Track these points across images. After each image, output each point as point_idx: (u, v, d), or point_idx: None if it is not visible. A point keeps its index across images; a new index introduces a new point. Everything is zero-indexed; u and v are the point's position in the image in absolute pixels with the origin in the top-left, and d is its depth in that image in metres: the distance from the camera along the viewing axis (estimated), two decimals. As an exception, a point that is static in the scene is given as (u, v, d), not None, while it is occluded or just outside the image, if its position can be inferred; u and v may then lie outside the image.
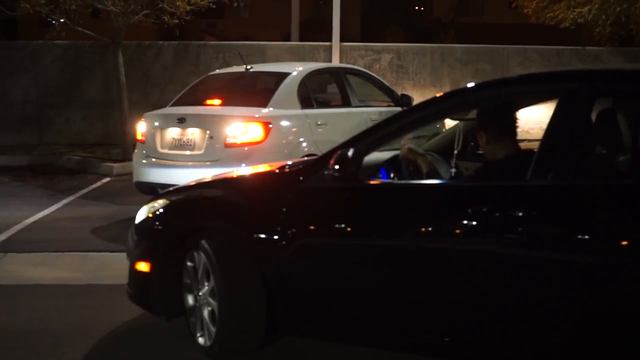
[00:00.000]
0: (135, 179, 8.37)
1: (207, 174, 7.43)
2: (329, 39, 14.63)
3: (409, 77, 14.92)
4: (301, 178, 4.08)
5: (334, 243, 3.94)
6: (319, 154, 7.86)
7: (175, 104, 8.71)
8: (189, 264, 4.43)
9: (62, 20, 12.86)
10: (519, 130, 4.19)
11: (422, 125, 4.28)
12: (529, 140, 4.17)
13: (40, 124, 15.06)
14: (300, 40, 16.94)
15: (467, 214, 3.52)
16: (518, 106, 4.35)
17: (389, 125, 4.04)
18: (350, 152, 3.80)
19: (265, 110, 7.82)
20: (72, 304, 5.59)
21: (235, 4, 13.84)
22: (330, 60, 14.40)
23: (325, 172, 3.90)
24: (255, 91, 8.78)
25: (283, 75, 8.41)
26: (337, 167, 3.80)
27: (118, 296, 5.72)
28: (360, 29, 42.18)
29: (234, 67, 9.95)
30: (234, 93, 8.74)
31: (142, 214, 4.74)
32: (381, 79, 10.04)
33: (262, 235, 4.03)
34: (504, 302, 3.46)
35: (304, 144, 7.95)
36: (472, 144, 5.04)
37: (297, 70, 8.64)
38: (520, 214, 3.38)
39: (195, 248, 4.33)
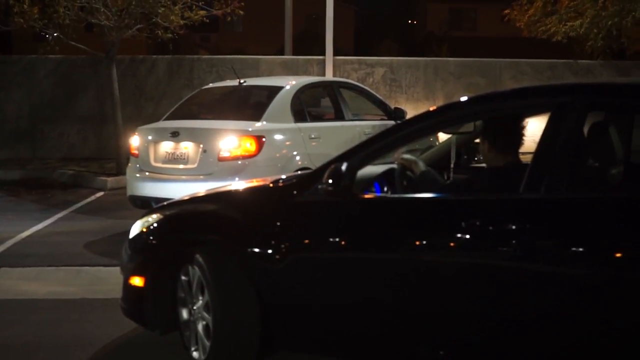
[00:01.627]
0: (129, 192, 8.35)
1: (200, 187, 7.41)
2: (323, 53, 14.69)
3: (402, 90, 14.97)
4: (295, 192, 4.06)
5: (327, 257, 3.93)
6: (313, 167, 7.87)
7: (169, 118, 8.70)
8: (183, 278, 4.43)
9: (55, 34, 12.88)
10: (524, 143, 4.20)
11: (416, 139, 4.27)
12: (522, 153, 4.16)
13: (34, 138, 15.06)
14: (294, 53, 16.98)
15: (461, 228, 3.52)
16: (522, 119, 4.31)
17: (383, 139, 4.04)
18: (344, 166, 3.80)
19: (258, 124, 7.82)
20: (66, 319, 5.58)
21: (229, 19, 13.88)
22: (323, 74, 14.44)
23: (319, 186, 3.90)
24: (248, 105, 8.78)
25: (276, 89, 8.40)
26: (330, 181, 3.80)
27: (112, 310, 5.72)
28: (353, 42, 42.36)
29: (228, 80, 9.96)
30: (227, 107, 8.77)
31: (136, 229, 4.71)
32: (374, 93, 10.05)
33: (256, 249, 4.02)
34: (497, 315, 3.47)
35: (297, 158, 7.95)
36: (465, 157, 5.06)
37: (290, 84, 8.61)
38: (514, 227, 3.39)
39: (189, 262, 4.32)
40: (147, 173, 8.07)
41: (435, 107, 4.27)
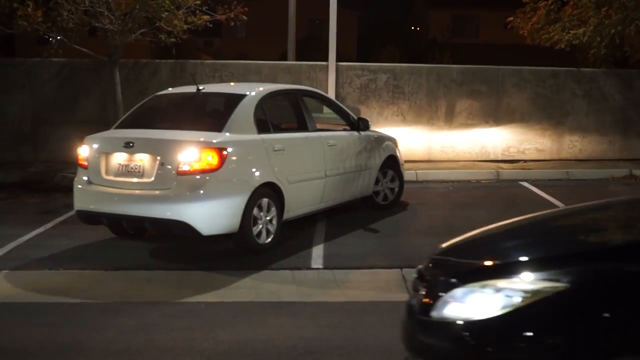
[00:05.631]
0: (76, 207, 7.71)
1: (157, 203, 7.00)
2: (326, 58, 14.69)
3: (405, 97, 14.97)
4: None
5: None
6: (277, 182, 7.64)
7: (120, 127, 8.16)
8: None
9: (59, 38, 12.89)
10: None
11: None
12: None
13: (36, 141, 15.06)
14: (297, 58, 16.97)
15: None
16: None
17: None
18: None
19: (220, 135, 7.30)
20: (66, 323, 5.58)
21: (232, 24, 13.89)
22: (326, 80, 14.44)
23: None
24: (208, 114, 8.36)
25: (238, 98, 7.90)
26: None
27: (112, 314, 5.73)
28: (356, 48, 42.40)
29: (184, 87, 9.39)
30: (185, 116, 8.26)
31: (487, 307, 3.08)
32: (337, 101, 9.75)
33: None
34: None
35: (261, 171, 7.53)
36: None
37: (252, 92, 8.10)
38: None
39: None
40: (97, 186, 7.49)
41: None
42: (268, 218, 7.62)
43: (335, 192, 8.83)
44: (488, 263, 3.30)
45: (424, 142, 14.75)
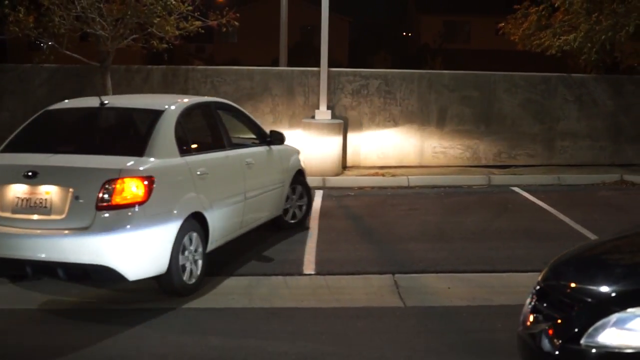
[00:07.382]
0: None
1: (71, 244, 5.78)
2: (318, 64, 14.70)
3: (397, 102, 14.99)
4: None
5: None
6: (202, 210, 6.69)
7: (8, 150, 6.95)
8: None
9: (50, 43, 12.87)
10: None
11: None
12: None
13: (27, 147, 15.03)
14: (289, 64, 16.98)
15: None
16: None
17: None
18: None
19: (144, 161, 6.22)
20: (61, 329, 5.57)
21: (224, 29, 13.90)
22: (318, 86, 14.44)
23: None
24: (121, 134, 7.22)
25: (155, 114, 6.80)
26: None
27: (107, 320, 5.73)
28: (348, 54, 42.51)
29: (83, 99, 8.17)
30: (93, 136, 7.23)
31: None
32: (248, 114, 8.94)
33: None
34: None
35: (188, 201, 6.52)
36: None
37: (171, 106, 7.00)
38: None
39: None
40: None
41: None
42: (193, 253, 6.60)
43: (254, 214, 7.97)
44: None
45: (416, 147, 14.77)
